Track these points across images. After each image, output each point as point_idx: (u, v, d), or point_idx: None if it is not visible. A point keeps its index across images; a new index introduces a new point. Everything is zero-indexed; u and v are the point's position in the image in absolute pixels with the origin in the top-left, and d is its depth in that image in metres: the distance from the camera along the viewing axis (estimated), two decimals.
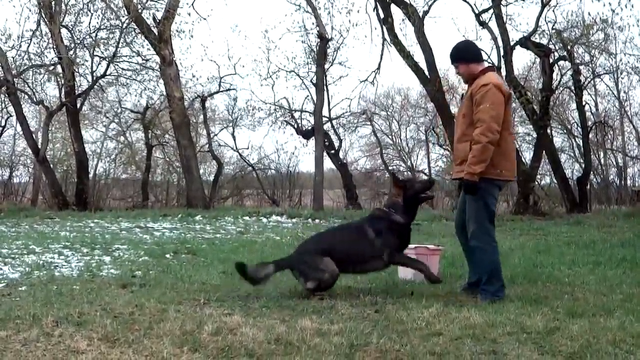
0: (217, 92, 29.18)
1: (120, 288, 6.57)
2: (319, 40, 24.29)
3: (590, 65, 26.83)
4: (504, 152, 6.09)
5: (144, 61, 24.73)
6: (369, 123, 34.42)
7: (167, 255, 9.35)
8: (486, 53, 23.65)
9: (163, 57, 21.83)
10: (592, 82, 29.28)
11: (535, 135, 24.88)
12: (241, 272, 6.20)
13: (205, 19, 22.69)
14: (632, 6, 21.25)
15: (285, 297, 6.07)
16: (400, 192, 6.49)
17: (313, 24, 24.59)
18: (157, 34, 21.63)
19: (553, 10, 23.24)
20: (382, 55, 24.21)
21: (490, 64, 7.09)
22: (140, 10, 21.66)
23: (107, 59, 24.24)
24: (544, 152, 24.52)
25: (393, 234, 6.35)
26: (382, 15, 23.46)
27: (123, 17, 22.53)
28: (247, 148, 32.37)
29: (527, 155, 26.92)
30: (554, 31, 23.46)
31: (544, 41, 23.46)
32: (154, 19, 22.20)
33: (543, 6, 22.49)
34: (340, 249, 6.36)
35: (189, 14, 22.34)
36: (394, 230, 6.36)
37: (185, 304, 5.69)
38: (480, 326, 4.78)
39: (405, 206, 6.44)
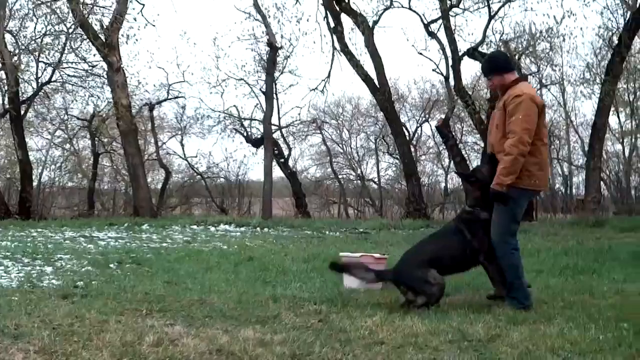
0: (165, 100, 28.98)
1: (61, 299, 6.40)
2: (268, 48, 24.27)
3: (536, 75, 27.35)
4: (539, 162, 6.13)
5: (90, 67, 24.40)
6: (319, 132, 34.52)
7: (111, 265, 9.19)
8: (435, 63, 24.04)
9: (110, 64, 21.54)
10: (539, 92, 29.84)
11: (482, 144, 25.23)
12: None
13: (153, 25, 22.45)
14: (576, 17, 21.79)
15: (229, 306, 6.00)
16: (476, 186, 6.35)
17: (263, 32, 24.56)
18: (104, 40, 21.36)
19: (500, 22, 23.67)
20: (332, 64, 24.33)
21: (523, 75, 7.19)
22: (86, 16, 21.34)
23: (52, 65, 23.84)
24: None
25: (486, 234, 6.21)
26: (332, 24, 23.58)
27: (69, 22, 22.20)
28: (196, 156, 32.21)
29: (475, 164, 27.28)
30: (501, 42, 23.87)
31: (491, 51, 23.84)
32: (101, 25, 21.91)
33: (490, 17, 22.87)
34: (444, 256, 6.24)
35: (135, 19, 22.11)
36: (486, 229, 6.21)
37: (127, 314, 5.58)
38: (422, 334, 4.80)
39: (485, 199, 6.22)
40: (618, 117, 33.19)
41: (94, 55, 23.26)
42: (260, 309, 5.86)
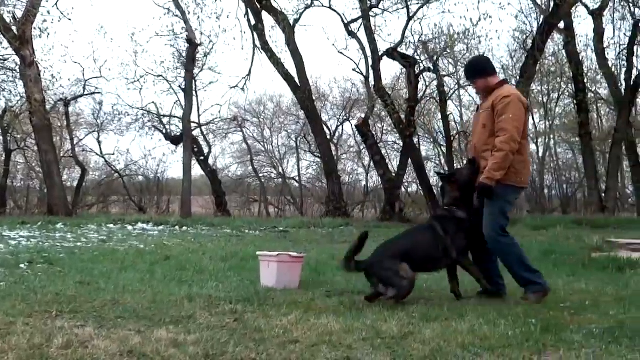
0: (81, 96, 28.36)
1: None
2: (188, 45, 24.02)
3: (454, 76, 27.88)
4: (524, 160, 6.43)
5: (1, 61, 23.62)
6: (239, 130, 34.38)
7: (22, 265, 8.89)
8: (355, 63, 24.25)
9: (23, 58, 20.95)
10: (457, 92, 30.44)
11: (402, 143, 25.58)
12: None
13: (69, 18, 21.93)
14: (492, 20, 22.35)
15: (143, 307, 5.89)
16: (455, 186, 6.51)
17: (182, 28, 24.32)
18: (16, 32, 20.74)
19: (419, 23, 24.05)
20: (252, 61, 24.30)
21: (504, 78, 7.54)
22: None
23: None
24: (410, 160, 25.23)
25: (460, 232, 6.40)
26: (252, 22, 23.50)
27: None
28: (113, 154, 31.60)
29: (395, 163, 27.65)
30: (419, 43, 24.24)
31: (410, 52, 24.21)
32: (13, 17, 21.26)
33: (409, 18, 23.20)
34: (416, 252, 6.38)
35: (49, 12, 21.55)
36: (460, 228, 6.40)
37: (35, 316, 5.40)
38: (337, 332, 4.81)
39: (463, 200, 6.47)
40: (533, 118, 34.18)
41: (6, 48, 22.59)
42: (175, 309, 5.78)
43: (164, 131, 29.01)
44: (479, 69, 6.74)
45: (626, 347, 4.37)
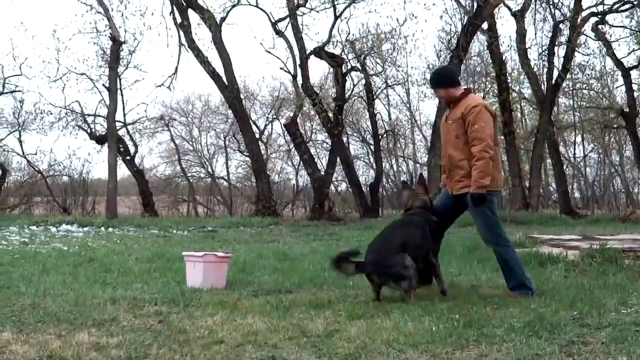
0: (1, 94, 27.49)
1: None
2: (111, 42, 23.58)
3: (382, 75, 28.15)
4: (497, 165, 6.59)
5: None
6: (167, 129, 33.96)
7: None
8: (282, 62, 24.21)
9: None
10: (385, 92, 30.75)
11: (330, 142, 25.70)
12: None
13: None
14: (417, 20, 22.63)
15: (64, 310, 5.75)
16: (426, 190, 6.81)
17: (106, 25, 23.82)
18: None
19: (346, 22, 24.16)
20: (179, 59, 23.95)
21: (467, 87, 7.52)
22: None
23: None
24: (338, 158, 25.37)
25: (432, 234, 6.62)
26: (178, 20, 23.21)
27: None
28: (36, 154, 30.68)
29: (324, 162, 27.77)
30: (347, 42, 24.38)
31: (338, 51, 24.32)
32: None
33: (336, 18, 23.30)
34: (412, 244, 6.42)
35: None
36: (432, 230, 6.62)
37: None
38: (262, 332, 4.80)
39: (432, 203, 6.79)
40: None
41: None
42: (98, 312, 5.67)
43: (89, 130, 28.36)
44: (441, 81, 6.86)
45: (545, 340, 4.48)
